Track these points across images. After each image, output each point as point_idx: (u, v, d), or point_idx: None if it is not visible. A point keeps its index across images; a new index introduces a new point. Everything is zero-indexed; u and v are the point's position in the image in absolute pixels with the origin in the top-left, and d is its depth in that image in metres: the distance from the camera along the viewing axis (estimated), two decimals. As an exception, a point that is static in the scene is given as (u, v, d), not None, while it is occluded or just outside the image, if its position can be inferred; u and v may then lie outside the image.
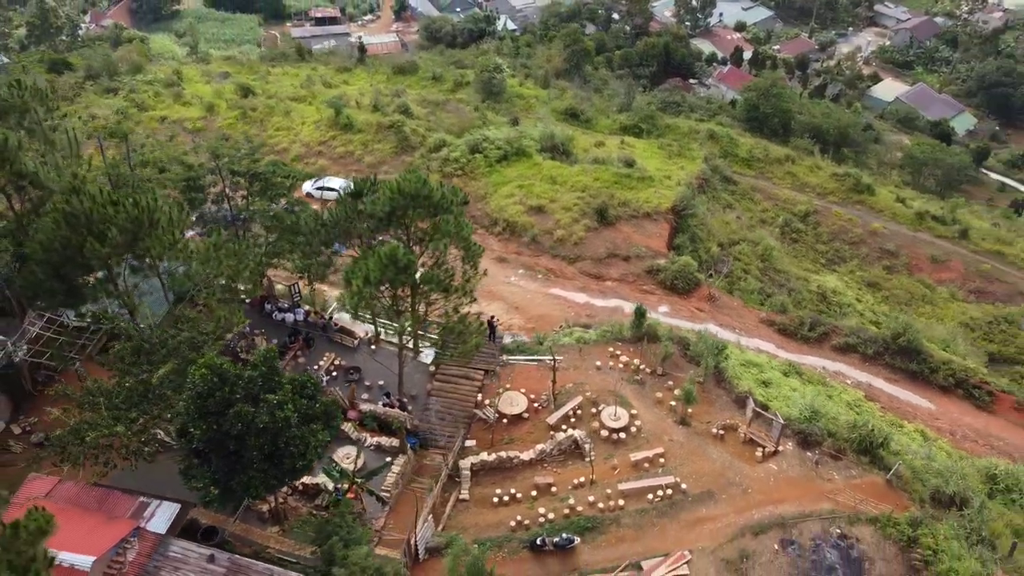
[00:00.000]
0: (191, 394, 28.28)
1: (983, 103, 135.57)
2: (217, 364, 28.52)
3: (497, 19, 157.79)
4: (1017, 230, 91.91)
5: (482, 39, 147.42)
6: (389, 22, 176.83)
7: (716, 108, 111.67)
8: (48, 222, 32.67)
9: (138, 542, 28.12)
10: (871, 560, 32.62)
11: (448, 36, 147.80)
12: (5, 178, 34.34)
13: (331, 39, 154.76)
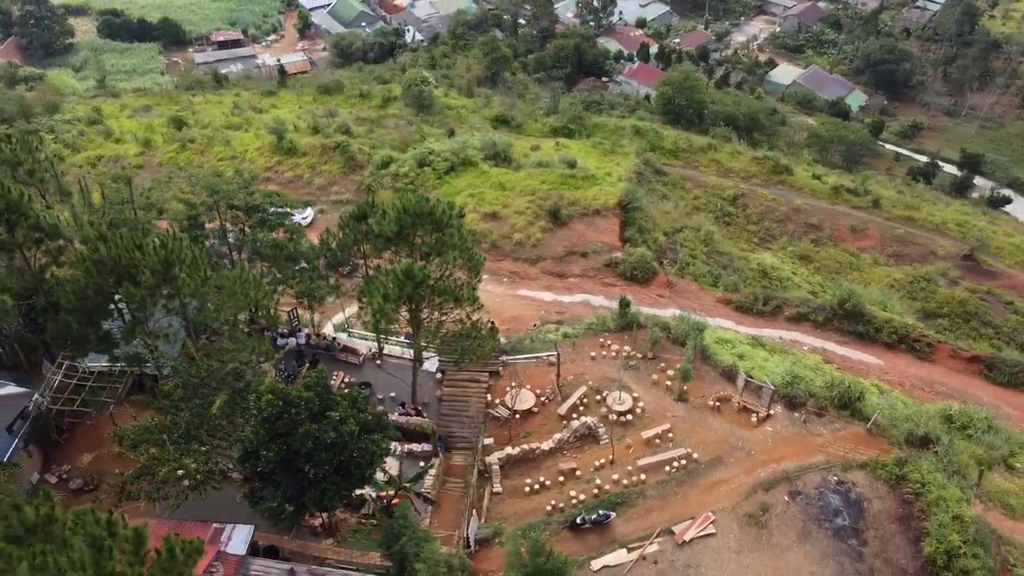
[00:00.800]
0: (258, 419, 30.05)
1: (870, 80, 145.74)
2: (279, 389, 30.39)
3: (406, 32, 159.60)
4: (920, 195, 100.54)
5: (394, 53, 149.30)
6: (294, 41, 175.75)
7: (634, 104, 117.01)
8: (78, 271, 33.66)
9: (222, 565, 29.69)
10: (868, 500, 37.05)
11: (359, 52, 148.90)
12: (23, 233, 34.95)
13: (238, 62, 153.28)
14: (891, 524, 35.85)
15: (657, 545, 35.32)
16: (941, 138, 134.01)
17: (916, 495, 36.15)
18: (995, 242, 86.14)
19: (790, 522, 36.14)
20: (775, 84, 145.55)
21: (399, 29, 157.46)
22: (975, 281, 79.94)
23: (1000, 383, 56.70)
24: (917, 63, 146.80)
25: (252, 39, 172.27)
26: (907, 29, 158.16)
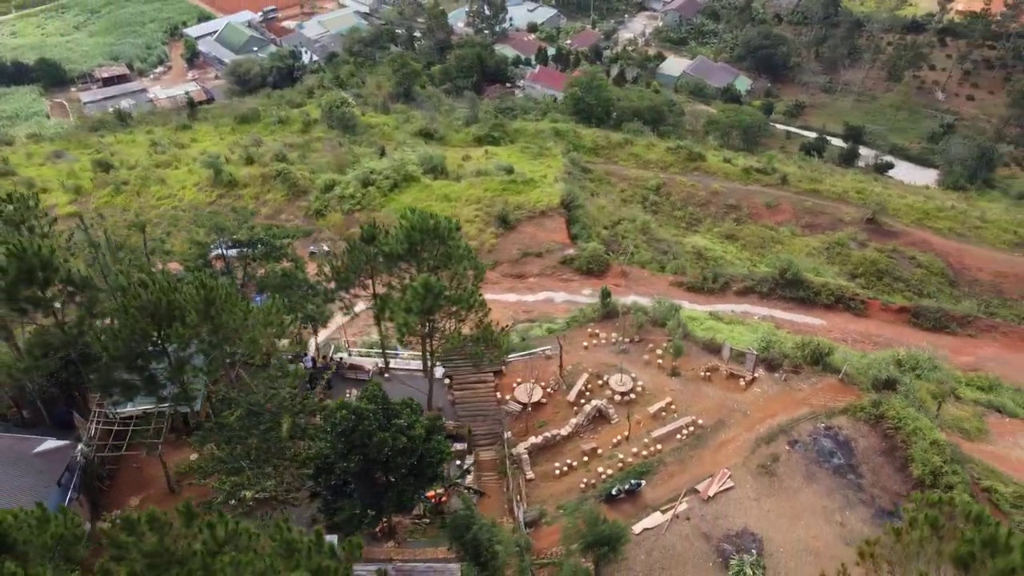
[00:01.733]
0: (334, 434, 32.40)
1: (752, 65, 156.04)
2: (351, 404, 32.83)
3: (302, 54, 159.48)
4: (817, 169, 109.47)
5: (293, 75, 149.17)
6: (183, 71, 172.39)
7: (545, 107, 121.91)
8: (121, 318, 34.95)
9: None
10: (855, 439, 42.42)
11: (258, 77, 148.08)
12: (56, 289, 35.82)
13: (127, 99, 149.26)
14: (879, 457, 41.30)
15: (686, 504, 39.50)
16: (823, 114, 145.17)
17: (896, 429, 41.72)
18: (891, 204, 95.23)
19: (794, 467, 41.06)
20: (666, 76, 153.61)
21: (295, 52, 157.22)
22: (880, 241, 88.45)
23: (926, 328, 64.15)
24: (792, 46, 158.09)
25: (139, 73, 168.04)
26: (778, 15, 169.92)
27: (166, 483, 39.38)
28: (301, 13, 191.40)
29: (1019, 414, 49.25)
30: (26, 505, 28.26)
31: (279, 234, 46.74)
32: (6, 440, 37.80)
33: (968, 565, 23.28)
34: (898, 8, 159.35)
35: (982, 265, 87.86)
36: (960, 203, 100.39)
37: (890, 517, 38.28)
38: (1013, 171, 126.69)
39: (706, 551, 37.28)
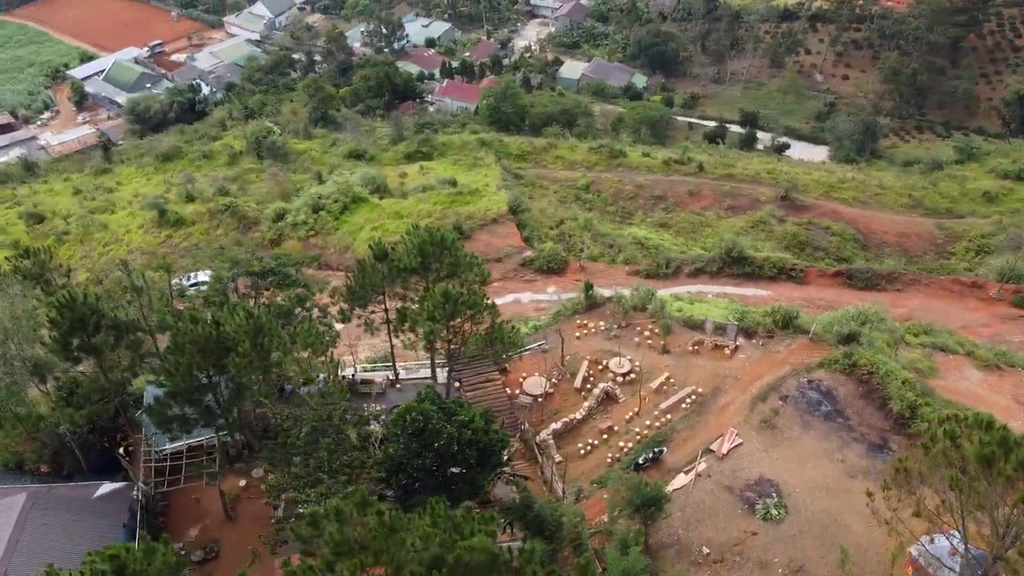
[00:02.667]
0: (408, 435, 35.20)
1: (645, 63, 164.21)
2: (420, 406, 35.72)
3: (201, 87, 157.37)
4: (725, 155, 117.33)
5: (195, 109, 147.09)
6: (72, 115, 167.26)
7: (463, 119, 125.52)
8: (176, 356, 36.66)
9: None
10: (836, 388, 48.12)
11: (159, 114, 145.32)
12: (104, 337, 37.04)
13: (17, 147, 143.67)
14: (859, 400, 47.08)
15: (705, 463, 44.05)
16: (716, 103, 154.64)
17: (869, 374, 47.64)
18: (800, 181, 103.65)
19: (791, 419, 46.30)
20: (566, 80, 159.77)
21: (194, 85, 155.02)
22: (796, 216, 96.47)
23: (860, 288, 71.39)
24: (680, 42, 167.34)
25: (24, 120, 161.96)
26: (662, 14, 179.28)
27: (222, 511, 40.94)
28: (190, 45, 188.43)
29: (959, 351, 56.37)
30: (96, 548, 29.51)
31: (287, 262, 48.69)
32: (63, 490, 38.56)
33: (991, 462, 28.50)
34: (770, 1, 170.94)
35: (887, 228, 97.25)
36: (857, 174, 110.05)
37: (880, 450, 44.01)
38: (893, 141, 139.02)
39: (732, 501, 41.91)
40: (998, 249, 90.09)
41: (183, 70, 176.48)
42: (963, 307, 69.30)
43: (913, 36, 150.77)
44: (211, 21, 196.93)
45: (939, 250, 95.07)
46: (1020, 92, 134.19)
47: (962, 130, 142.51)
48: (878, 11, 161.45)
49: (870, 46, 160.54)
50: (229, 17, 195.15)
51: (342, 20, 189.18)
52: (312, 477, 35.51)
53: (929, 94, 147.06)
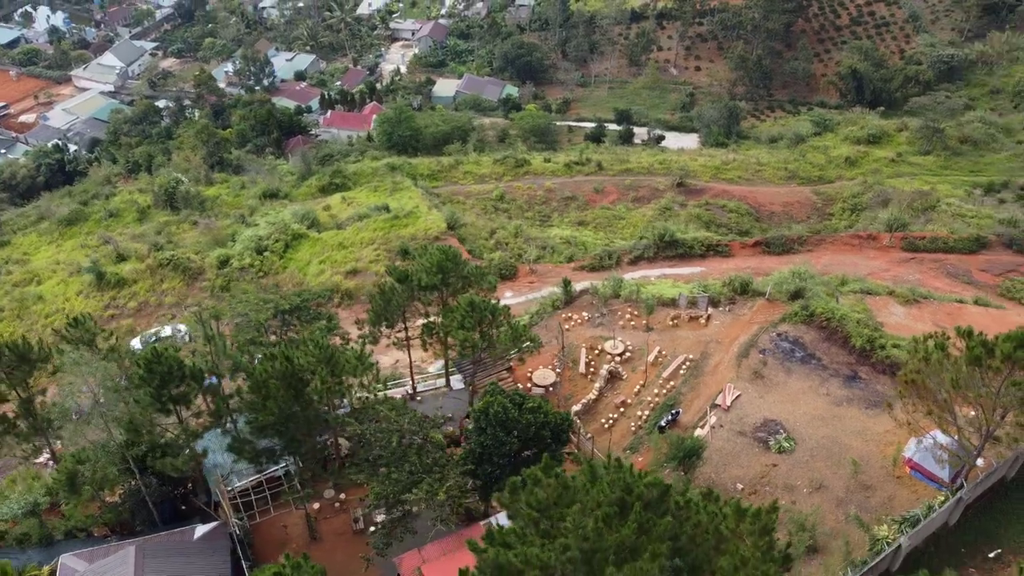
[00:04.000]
0: (495, 424, 39.81)
1: (514, 74, 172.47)
2: (495, 400, 40.44)
3: (66, 147, 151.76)
4: (615, 152, 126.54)
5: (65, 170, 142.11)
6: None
7: (360, 147, 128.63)
8: (262, 391, 39.72)
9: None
10: (802, 336, 56.25)
11: (27, 179, 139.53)
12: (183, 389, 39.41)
13: None
14: (824, 343, 55.39)
15: (715, 416, 50.87)
16: (587, 105, 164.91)
17: (827, 320, 56.11)
18: (690, 168, 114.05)
19: (774, 368, 53.96)
20: (442, 98, 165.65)
21: (60, 145, 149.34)
22: (694, 199, 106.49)
23: (777, 253, 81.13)
24: (543, 51, 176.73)
25: None
26: (519, 26, 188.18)
27: (306, 533, 43.90)
28: (38, 104, 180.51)
29: (882, 292, 66.28)
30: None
31: (308, 298, 51.72)
32: (162, 538, 40.44)
33: (980, 360, 36.56)
34: (623, 4, 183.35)
35: (772, 200, 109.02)
36: (735, 156, 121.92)
37: (853, 380, 52.33)
38: (752, 122, 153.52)
39: (747, 443, 48.88)
40: (869, 205, 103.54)
41: (37, 131, 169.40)
42: (865, 257, 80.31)
43: (751, 25, 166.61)
44: (56, 77, 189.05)
45: (820, 213, 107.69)
46: (852, 67, 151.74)
47: (806, 105, 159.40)
48: (717, 5, 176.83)
49: (715, 38, 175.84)
50: (76, 71, 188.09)
51: (200, 62, 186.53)
52: (415, 478, 39.39)
53: (774, 76, 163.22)
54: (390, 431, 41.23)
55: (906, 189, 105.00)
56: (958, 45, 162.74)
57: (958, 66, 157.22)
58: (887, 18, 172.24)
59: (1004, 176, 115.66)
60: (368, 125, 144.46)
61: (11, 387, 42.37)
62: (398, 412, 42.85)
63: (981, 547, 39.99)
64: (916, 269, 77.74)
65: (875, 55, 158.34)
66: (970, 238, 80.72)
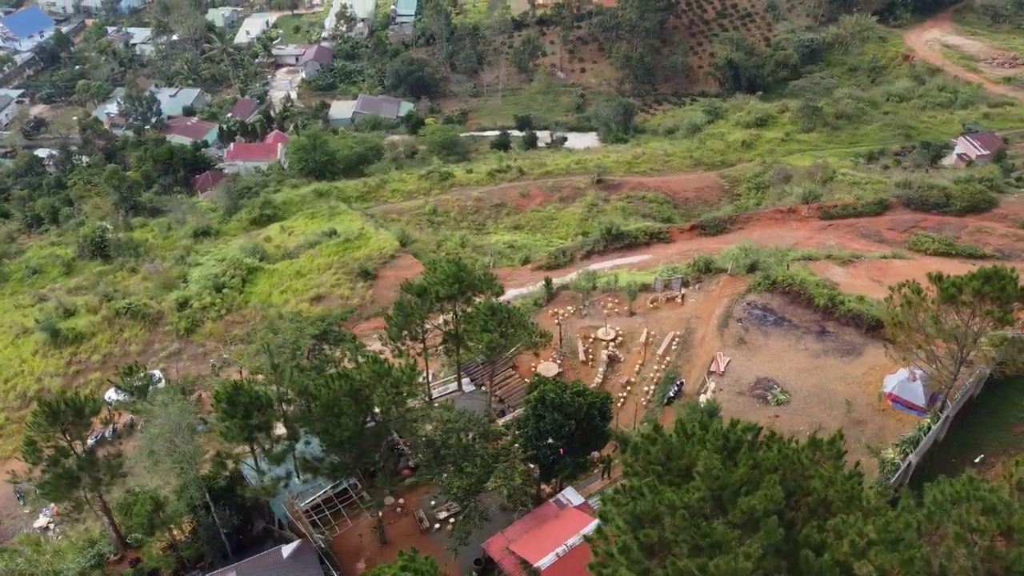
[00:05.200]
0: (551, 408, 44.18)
1: (408, 90, 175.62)
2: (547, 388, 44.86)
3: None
4: (532, 156, 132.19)
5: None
6: None
7: (276, 176, 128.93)
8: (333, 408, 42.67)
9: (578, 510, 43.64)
10: (770, 303, 63.32)
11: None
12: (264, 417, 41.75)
13: None
14: (791, 306, 62.68)
15: (713, 382, 57.02)
16: (484, 115, 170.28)
17: (789, 286, 63.48)
18: (604, 164, 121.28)
19: (753, 333, 60.72)
20: (339, 120, 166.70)
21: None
22: (616, 194, 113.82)
23: (713, 234, 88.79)
24: (432, 65, 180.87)
25: None
26: (404, 43, 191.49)
27: (377, 539, 46.86)
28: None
29: (820, 257, 74.61)
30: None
31: (331, 321, 54.33)
32: (255, 561, 42.54)
33: (955, 297, 43.96)
34: (504, 14, 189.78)
35: (685, 187, 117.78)
36: (642, 149, 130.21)
37: (823, 335, 59.71)
38: (643, 117, 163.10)
39: (748, 401, 55.24)
40: (772, 183, 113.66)
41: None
42: (789, 229, 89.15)
43: (629, 25, 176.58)
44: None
45: (728, 195, 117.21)
46: (727, 57, 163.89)
47: (689, 96, 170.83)
48: (594, 8, 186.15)
49: (595, 40, 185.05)
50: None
51: (75, 105, 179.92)
52: (484, 471, 43.23)
53: (656, 71, 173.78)
54: (450, 430, 44.85)
55: (802, 164, 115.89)
56: (815, 29, 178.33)
57: (818, 48, 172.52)
58: (749, 10, 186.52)
59: (879, 145, 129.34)
60: (274, 154, 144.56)
61: (71, 441, 43.29)
62: (451, 412, 46.48)
63: (967, 455, 47.61)
64: (834, 234, 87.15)
65: (745, 45, 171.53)
66: (875, 202, 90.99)
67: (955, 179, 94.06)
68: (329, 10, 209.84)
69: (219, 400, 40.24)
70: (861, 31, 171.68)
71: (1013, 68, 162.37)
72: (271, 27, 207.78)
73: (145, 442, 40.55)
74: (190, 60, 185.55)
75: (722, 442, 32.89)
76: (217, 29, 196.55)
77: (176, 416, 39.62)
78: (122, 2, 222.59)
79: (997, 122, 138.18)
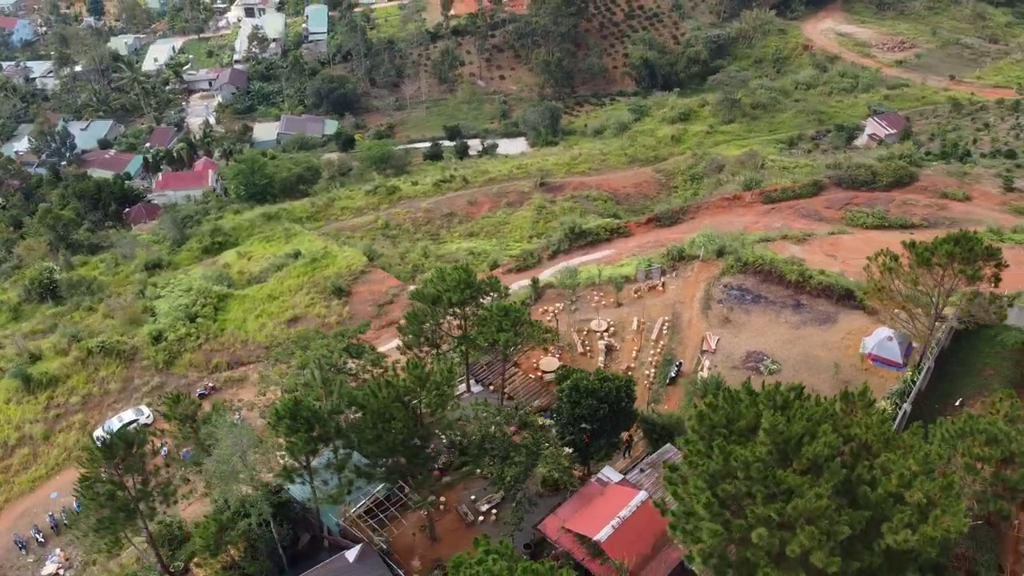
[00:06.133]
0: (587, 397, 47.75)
1: (330, 108, 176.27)
2: (580, 378, 48.42)
3: None
4: (473, 164, 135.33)
5: None
6: None
7: (216, 203, 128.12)
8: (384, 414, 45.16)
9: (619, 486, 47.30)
10: (744, 282, 68.54)
11: None
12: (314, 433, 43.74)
13: None
14: (764, 284, 68.07)
15: (707, 360, 61.71)
16: (410, 127, 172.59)
17: (760, 265, 68.90)
18: (546, 167, 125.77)
19: (735, 312, 65.75)
20: (264, 143, 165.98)
21: None
22: (560, 194, 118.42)
23: (667, 225, 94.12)
24: (353, 81, 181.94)
25: None
26: (321, 61, 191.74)
27: (428, 536, 49.35)
28: None
29: (776, 238, 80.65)
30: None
31: (352, 333, 56.51)
32: (319, 571, 44.44)
33: (928, 260, 49.73)
34: (420, 26, 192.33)
35: (624, 184, 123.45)
36: (579, 150, 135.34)
37: (799, 307, 65.26)
38: (567, 119, 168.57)
39: (743, 373, 60.03)
40: (706, 173, 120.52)
41: None
42: (737, 215, 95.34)
43: (543, 31, 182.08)
44: None
45: (665, 188, 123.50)
46: (643, 56, 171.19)
47: (608, 96, 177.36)
48: (507, 16, 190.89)
49: (511, 47, 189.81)
50: None
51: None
52: (533, 457, 46.44)
53: (575, 74, 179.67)
54: (494, 424, 47.91)
55: (732, 154, 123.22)
56: (719, 26, 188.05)
57: (724, 44, 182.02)
58: (655, 10, 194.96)
59: (796, 130, 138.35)
60: (205, 181, 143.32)
61: (127, 473, 44.28)
62: (489, 408, 49.52)
63: (948, 401, 53.50)
64: (778, 217, 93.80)
65: (657, 44, 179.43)
66: (810, 184, 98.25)
67: (878, 157, 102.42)
68: (238, 32, 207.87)
69: (280, 417, 42.02)
70: (762, 25, 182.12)
71: (903, 52, 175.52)
72: (179, 52, 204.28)
73: (213, 464, 41.87)
74: (98, 91, 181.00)
75: (774, 402, 37.14)
76: (124, 58, 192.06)
77: (243, 437, 41.23)
78: (13, 36, 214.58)
79: (896, 102, 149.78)
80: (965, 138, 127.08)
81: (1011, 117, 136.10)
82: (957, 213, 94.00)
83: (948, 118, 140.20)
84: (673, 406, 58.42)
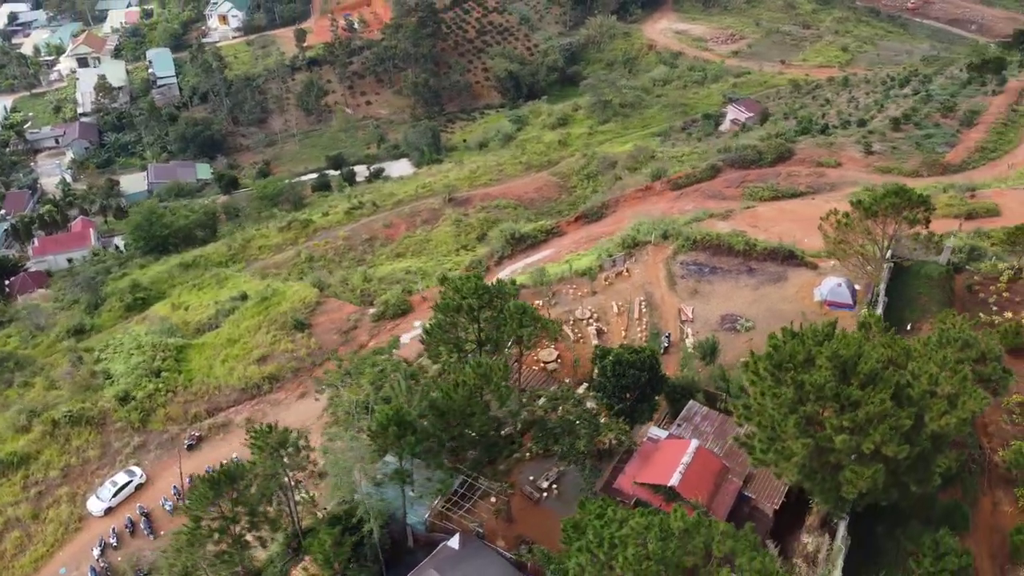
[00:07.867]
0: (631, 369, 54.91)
1: (199, 151, 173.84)
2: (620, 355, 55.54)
3: None
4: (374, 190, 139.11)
5: None
6: None
7: (117, 259, 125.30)
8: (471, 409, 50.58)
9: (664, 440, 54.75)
10: (700, 258, 77.97)
11: None
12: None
13: None
14: (716, 256, 77.77)
15: (689, 328, 70.40)
16: (287, 162, 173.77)
17: (713, 240, 78.63)
18: (450, 184, 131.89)
19: (701, 284, 74.97)
20: (136, 194, 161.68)
21: None
22: (471, 207, 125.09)
23: (595, 221, 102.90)
24: (216, 122, 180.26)
25: None
26: (176, 105, 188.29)
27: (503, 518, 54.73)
28: None
29: (704, 217, 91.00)
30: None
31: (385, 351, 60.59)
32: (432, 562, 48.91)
33: (876, 212, 60.53)
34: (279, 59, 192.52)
35: (527, 190, 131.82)
36: (476, 163, 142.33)
37: (752, 272, 75.39)
38: (445, 136, 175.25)
39: (724, 334, 68.96)
40: (600, 171, 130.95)
41: None
42: (652, 203, 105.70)
43: (404, 55, 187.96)
44: None
45: (565, 189, 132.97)
46: (506, 69, 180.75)
47: (477, 110, 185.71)
48: (363, 43, 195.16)
49: (372, 72, 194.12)
50: None
51: None
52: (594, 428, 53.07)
53: (441, 93, 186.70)
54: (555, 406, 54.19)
55: (621, 151, 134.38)
56: (567, 34, 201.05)
57: (576, 50, 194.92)
58: (505, 25, 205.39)
59: (667, 123, 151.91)
60: (87, 241, 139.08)
61: (234, 505, 47.10)
62: (547, 391, 55.71)
63: (900, 327, 64.71)
64: (689, 200, 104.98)
65: (516, 56, 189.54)
66: (708, 168, 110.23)
67: (760, 137, 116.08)
68: (76, 84, 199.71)
69: (385, 426, 46.34)
70: (608, 30, 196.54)
71: (735, 43, 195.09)
72: (12, 111, 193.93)
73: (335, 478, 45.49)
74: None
75: (819, 336, 45.81)
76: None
77: (362, 449, 45.26)
78: None
79: (744, 89, 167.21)
80: (814, 114, 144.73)
81: (844, 92, 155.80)
82: (834, 178, 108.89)
83: (792, 98, 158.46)
84: (671, 372, 66.52)
